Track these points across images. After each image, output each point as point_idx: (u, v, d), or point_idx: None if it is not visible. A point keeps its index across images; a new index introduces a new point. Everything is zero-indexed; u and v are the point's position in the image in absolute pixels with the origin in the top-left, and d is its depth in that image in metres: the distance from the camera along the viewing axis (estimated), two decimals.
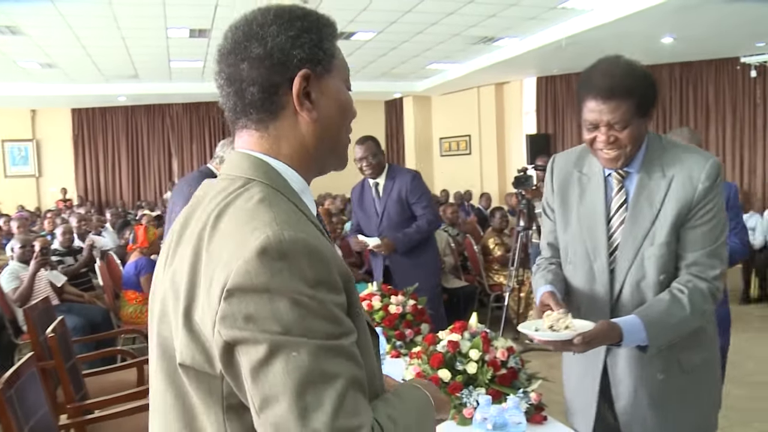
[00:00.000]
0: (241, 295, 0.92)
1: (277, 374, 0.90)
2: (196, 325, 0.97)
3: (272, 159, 1.10)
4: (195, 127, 15.85)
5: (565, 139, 13.14)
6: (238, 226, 0.98)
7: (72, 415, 3.24)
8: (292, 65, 1.07)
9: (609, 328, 1.85)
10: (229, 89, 1.10)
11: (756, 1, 7.36)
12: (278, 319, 0.91)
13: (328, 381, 0.92)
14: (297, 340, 0.91)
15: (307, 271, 0.94)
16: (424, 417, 1.16)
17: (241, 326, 0.92)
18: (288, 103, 1.09)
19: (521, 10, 8.33)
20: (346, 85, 1.16)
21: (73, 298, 6.02)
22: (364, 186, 4.57)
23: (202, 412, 1.01)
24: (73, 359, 3.55)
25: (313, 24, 1.11)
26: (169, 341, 1.04)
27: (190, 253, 1.01)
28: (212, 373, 0.98)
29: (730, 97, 11.32)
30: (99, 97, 13.81)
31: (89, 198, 15.30)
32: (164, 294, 1.05)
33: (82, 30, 8.51)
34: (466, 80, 13.04)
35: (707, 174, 1.91)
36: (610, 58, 1.93)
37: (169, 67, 11.46)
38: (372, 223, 4.45)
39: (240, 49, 1.08)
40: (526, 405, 2.13)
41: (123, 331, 5.58)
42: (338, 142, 1.16)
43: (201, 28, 8.84)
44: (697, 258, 1.93)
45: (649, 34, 8.84)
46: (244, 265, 0.92)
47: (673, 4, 7.48)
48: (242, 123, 1.12)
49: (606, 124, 1.88)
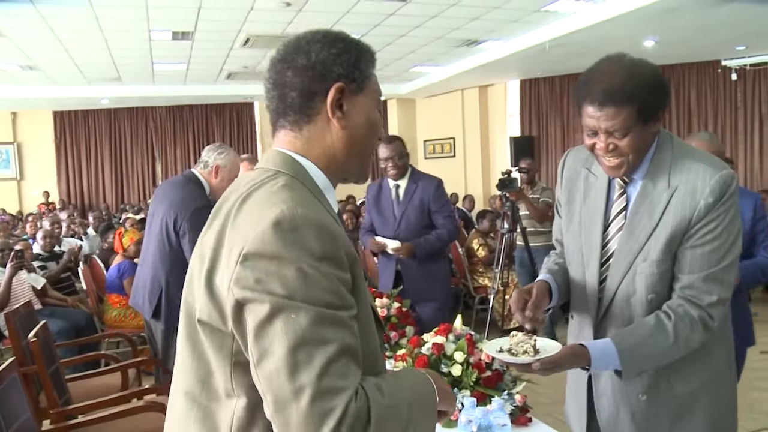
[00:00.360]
0: (254, 260, 1.05)
1: (275, 332, 1.02)
2: (216, 287, 1.11)
3: (301, 157, 1.24)
4: (179, 131, 15.77)
5: (549, 142, 13.21)
6: (260, 204, 1.12)
7: (55, 421, 3.21)
8: (330, 78, 1.22)
9: (573, 354, 1.74)
10: (274, 92, 1.26)
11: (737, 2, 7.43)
12: (284, 284, 1.03)
13: (320, 344, 1.02)
14: (298, 305, 1.03)
15: (315, 245, 1.06)
16: (420, 397, 1.20)
17: (251, 287, 1.05)
18: (322, 110, 1.23)
19: (505, 12, 8.36)
20: (378, 107, 1.31)
21: (55, 302, 5.97)
22: (382, 186, 4.40)
23: (216, 368, 1.14)
24: (56, 364, 3.52)
25: (353, 47, 1.26)
26: (190, 303, 1.19)
27: (219, 227, 1.16)
28: (225, 330, 1.11)
29: (711, 99, 11.43)
30: (81, 99, 13.71)
31: (72, 201, 15.17)
32: (192, 264, 1.21)
33: (63, 32, 8.44)
34: (450, 83, 13.07)
35: (711, 189, 1.71)
36: (612, 57, 1.77)
37: (152, 69, 11.39)
38: (388, 225, 4.29)
39: (288, 59, 1.24)
40: (510, 407, 2.14)
41: (107, 335, 5.54)
42: (362, 153, 1.30)
43: (184, 31, 8.80)
44: (693, 281, 1.75)
45: (631, 36, 8.90)
46: (260, 233, 1.06)
47: (654, 8, 7.54)
48: (281, 123, 1.27)
49: (604, 131, 1.73)
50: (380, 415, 1.04)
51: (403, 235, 4.19)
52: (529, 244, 6.22)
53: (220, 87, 13.53)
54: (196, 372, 1.17)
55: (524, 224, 6.30)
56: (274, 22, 8.52)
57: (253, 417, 1.12)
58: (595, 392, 1.94)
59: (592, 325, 1.90)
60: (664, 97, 1.76)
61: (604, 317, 1.88)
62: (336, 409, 1.00)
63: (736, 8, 7.61)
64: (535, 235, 6.40)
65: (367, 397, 1.04)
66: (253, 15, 8.08)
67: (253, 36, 9.23)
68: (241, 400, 1.12)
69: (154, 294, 3.76)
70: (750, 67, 10.90)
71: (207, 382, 1.16)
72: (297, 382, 1.00)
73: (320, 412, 1.00)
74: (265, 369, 1.03)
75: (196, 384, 1.17)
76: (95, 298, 6.09)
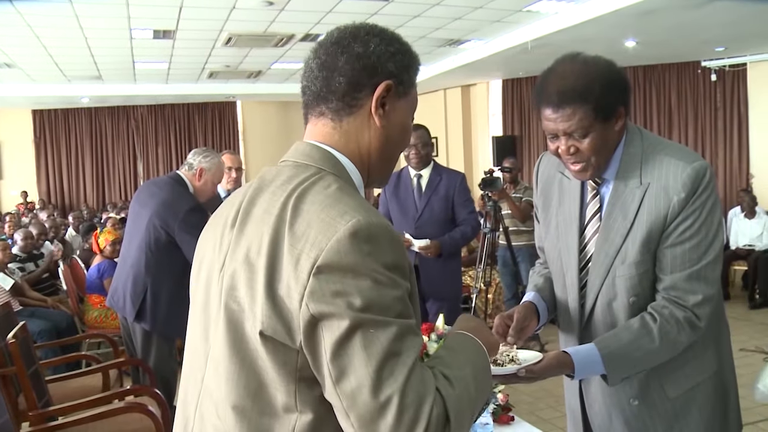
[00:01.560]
0: (330, 272, 1.01)
1: (355, 348, 1.00)
2: (281, 299, 1.05)
3: (339, 154, 1.21)
4: (160, 130, 15.66)
5: (532, 141, 13.28)
6: (323, 209, 1.07)
7: (34, 423, 3.18)
8: (382, 73, 1.20)
9: (557, 361, 1.68)
10: (320, 74, 1.21)
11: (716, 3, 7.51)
12: (362, 297, 1.01)
13: (399, 356, 1.01)
14: (376, 318, 1.01)
15: (388, 255, 1.05)
16: (480, 370, 1.19)
17: (328, 301, 1.01)
18: (365, 104, 1.20)
19: (487, 13, 8.39)
20: (411, 118, 1.30)
21: (35, 302, 5.91)
22: (401, 176, 4.23)
23: (272, 381, 1.08)
24: (36, 365, 3.49)
25: (407, 51, 1.25)
26: (237, 314, 1.11)
27: (270, 231, 1.09)
28: (291, 345, 1.05)
29: (691, 100, 11.53)
30: (61, 98, 13.57)
31: (52, 201, 15.02)
32: (234, 270, 1.12)
33: (42, 29, 8.34)
34: (433, 82, 13.09)
35: (683, 183, 1.65)
36: (566, 57, 1.72)
37: (134, 68, 11.31)
38: (407, 217, 4.11)
39: (344, 43, 1.21)
40: (493, 406, 2.15)
41: (88, 336, 5.50)
42: (392, 157, 1.29)
43: (165, 29, 8.73)
44: (676, 281, 1.69)
45: (612, 37, 8.96)
46: (336, 244, 1.02)
47: (634, 9, 7.60)
48: (320, 110, 1.23)
49: (564, 133, 1.67)
50: (456, 409, 1.05)
51: (423, 228, 4.05)
52: (512, 243, 6.24)
53: (202, 86, 13.45)
54: (246, 385, 1.10)
55: (507, 223, 6.33)
56: (256, 21, 8.48)
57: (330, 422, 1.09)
58: (586, 400, 1.90)
59: (577, 332, 1.86)
60: (622, 93, 1.70)
61: (588, 323, 1.83)
62: (422, 420, 1.00)
63: (715, 10, 7.68)
64: (517, 235, 6.43)
65: (443, 397, 1.04)
66: (235, 14, 8.05)
67: (235, 35, 9.19)
68: (305, 415, 1.08)
69: (138, 295, 3.72)
70: (729, 68, 11.01)
71: (258, 395, 1.10)
72: (382, 397, 0.99)
73: (407, 424, 0.99)
74: (347, 387, 1.01)
75: (245, 397, 1.10)
76: (76, 299, 6.04)
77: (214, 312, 1.17)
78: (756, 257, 8.15)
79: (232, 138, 16.04)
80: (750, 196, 8.83)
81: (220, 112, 15.95)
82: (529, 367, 1.65)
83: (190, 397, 1.23)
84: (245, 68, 11.92)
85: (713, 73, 11.09)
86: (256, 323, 1.07)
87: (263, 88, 13.93)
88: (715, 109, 11.30)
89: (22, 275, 6.14)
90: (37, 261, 6.60)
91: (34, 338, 4.96)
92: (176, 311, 3.58)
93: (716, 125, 11.31)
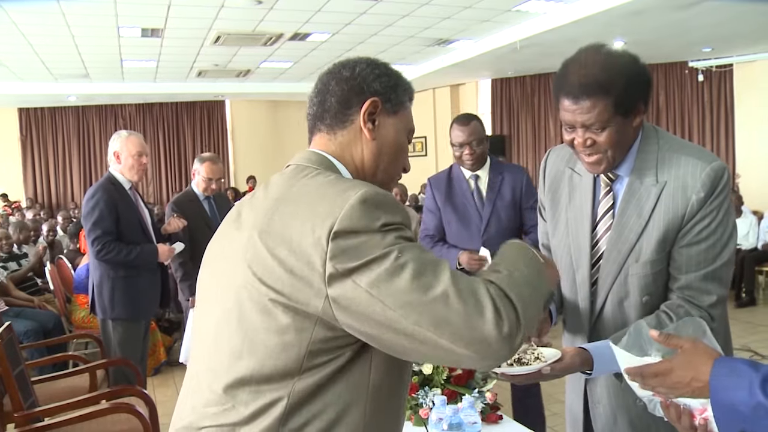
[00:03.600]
0: (346, 235, 1.10)
1: (396, 279, 1.08)
2: (298, 269, 1.12)
3: (335, 159, 1.33)
4: (149, 129, 15.56)
5: (521, 141, 13.31)
6: (330, 186, 1.19)
7: (20, 424, 3.15)
8: (368, 92, 1.33)
9: (580, 360, 1.66)
10: (316, 99, 1.37)
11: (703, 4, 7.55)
12: (380, 246, 1.10)
13: (436, 264, 1.11)
14: (399, 247, 1.10)
15: (397, 216, 1.15)
16: (530, 263, 1.24)
17: (351, 256, 1.09)
18: (356, 120, 1.33)
19: (475, 12, 8.40)
20: (407, 136, 1.41)
21: (21, 302, 5.87)
22: (452, 177, 3.57)
23: (289, 345, 1.14)
24: (22, 366, 3.45)
25: (393, 74, 1.38)
26: (243, 288, 1.17)
27: (279, 209, 1.19)
28: (310, 311, 1.12)
29: (679, 100, 11.61)
30: (48, 96, 13.45)
31: (39, 200, 14.90)
32: (243, 248, 1.19)
33: (27, 27, 8.28)
34: (422, 82, 13.09)
35: (702, 183, 1.63)
36: (590, 48, 1.68)
37: (122, 66, 11.25)
38: (470, 229, 3.39)
39: (335, 71, 1.37)
40: (481, 405, 2.15)
41: (75, 336, 5.46)
42: (387, 170, 1.38)
43: (153, 28, 8.69)
44: (691, 281, 1.67)
45: (600, 37, 8.98)
46: (349, 211, 1.11)
47: (622, 9, 7.65)
48: (318, 127, 1.37)
49: (581, 125, 1.64)
50: (512, 286, 1.13)
51: (491, 241, 3.30)
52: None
53: (191, 85, 13.40)
54: (248, 358, 1.16)
55: None
56: (244, 20, 8.46)
57: (315, 395, 1.15)
58: (590, 401, 1.88)
59: (586, 330, 1.83)
60: (644, 88, 1.66)
61: (597, 321, 1.81)
62: (483, 296, 1.08)
63: (702, 11, 7.74)
64: None
65: (491, 281, 1.13)
66: (223, 12, 8.02)
67: (224, 33, 9.16)
68: (304, 380, 1.14)
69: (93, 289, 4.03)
70: (716, 68, 11.09)
71: (267, 360, 1.15)
72: (436, 293, 1.07)
73: (473, 303, 1.07)
74: (399, 297, 1.07)
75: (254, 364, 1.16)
76: (63, 299, 6.00)
77: (223, 290, 1.23)
78: (742, 256, 8.20)
79: (220, 137, 15.98)
80: (736, 195, 8.88)
81: (209, 111, 15.88)
82: (557, 365, 1.63)
83: (194, 374, 1.29)
84: (234, 67, 11.89)
85: (700, 73, 11.17)
86: (273, 293, 1.14)
87: (252, 87, 13.90)
88: (702, 109, 11.38)
89: (6, 274, 6.09)
90: (19, 260, 6.53)
91: (21, 339, 4.92)
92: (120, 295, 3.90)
93: (703, 125, 11.39)
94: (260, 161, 15.51)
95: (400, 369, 1.26)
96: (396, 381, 1.26)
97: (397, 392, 1.28)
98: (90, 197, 3.89)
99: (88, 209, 3.87)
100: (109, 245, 3.82)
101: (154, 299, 4.17)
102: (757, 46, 10.19)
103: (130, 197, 4.00)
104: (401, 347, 1.11)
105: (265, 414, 1.14)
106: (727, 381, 1.23)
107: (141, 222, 4.02)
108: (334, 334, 1.13)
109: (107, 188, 3.91)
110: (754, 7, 7.67)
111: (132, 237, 3.93)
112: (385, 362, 1.20)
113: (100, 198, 3.85)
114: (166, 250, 4.07)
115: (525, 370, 1.63)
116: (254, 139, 16.00)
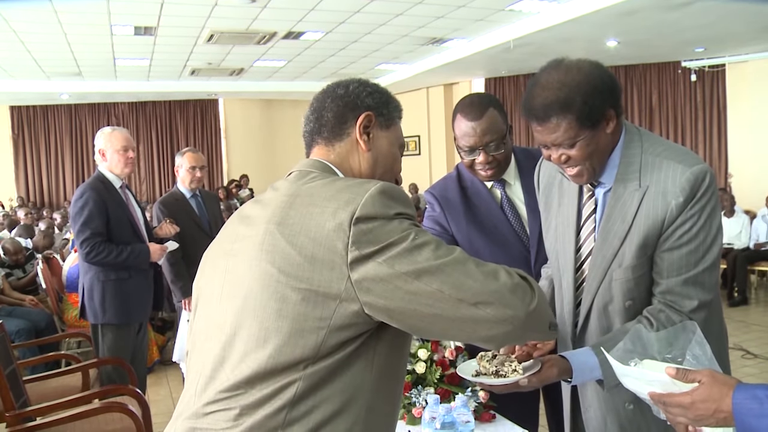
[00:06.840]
0: (366, 221, 1.17)
1: (416, 254, 1.16)
2: (319, 255, 1.17)
3: (336, 168, 1.40)
4: (142, 127, 15.54)
5: (514, 140, 13.28)
6: (342, 183, 1.26)
7: (11, 424, 3.13)
8: (361, 107, 1.42)
9: (558, 371, 1.66)
10: (313, 116, 1.45)
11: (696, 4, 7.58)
12: (398, 231, 1.18)
13: (451, 245, 1.21)
14: (415, 230, 1.19)
15: (410, 209, 1.24)
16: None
17: (371, 240, 1.16)
18: (352, 133, 1.41)
19: (469, 11, 8.41)
20: (400, 150, 1.50)
21: (14, 301, 5.85)
22: (465, 187, 2.53)
23: (308, 331, 1.17)
24: (13, 365, 3.44)
25: (384, 92, 1.48)
26: (259, 279, 1.21)
27: (278, 209, 1.25)
28: (331, 293, 1.16)
29: (672, 99, 11.65)
30: (40, 94, 13.40)
31: (31, 199, 14.84)
32: (260, 241, 1.23)
33: (19, 24, 8.24)
34: (416, 81, 13.10)
35: (681, 188, 1.62)
36: (549, 66, 1.69)
37: (114, 65, 11.21)
38: (512, 252, 2.37)
39: (329, 90, 1.45)
40: (474, 403, 2.15)
41: (67, 335, 5.43)
42: (381, 178, 1.42)
43: (147, 26, 8.67)
44: (672, 286, 1.67)
45: (593, 37, 9.03)
46: (369, 199, 1.18)
47: (615, 9, 7.66)
48: (316, 141, 1.44)
49: (552, 144, 1.66)
50: (522, 274, 1.24)
51: (540, 267, 2.28)
52: None
53: (184, 83, 13.37)
54: (266, 346, 1.18)
55: None
56: (238, 18, 8.44)
57: (325, 381, 1.18)
58: (582, 405, 1.88)
59: (571, 334, 1.84)
60: (609, 95, 1.64)
61: (583, 326, 1.82)
62: (500, 268, 1.20)
63: (695, 11, 7.77)
64: None
65: (503, 267, 1.23)
66: (217, 11, 8.00)
67: (218, 32, 9.14)
68: (319, 365, 1.17)
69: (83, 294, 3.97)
70: (708, 68, 11.13)
71: (298, 340, 1.18)
72: (455, 259, 1.17)
73: (491, 269, 1.19)
74: (424, 291, 1.14)
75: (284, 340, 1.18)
76: (55, 298, 5.98)
77: (235, 285, 1.26)
78: (734, 255, 8.26)
79: (214, 135, 15.95)
80: (728, 195, 8.92)
81: (202, 109, 15.85)
82: (530, 377, 1.63)
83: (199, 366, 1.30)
84: (227, 65, 11.86)
85: (693, 73, 11.21)
86: (293, 280, 1.18)
87: (245, 86, 13.89)
88: (695, 109, 11.43)
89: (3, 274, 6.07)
90: (24, 267, 6.52)
91: (13, 337, 4.91)
92: (111, 299, 3.86)
93: (696, 125, 11.43)
94: (253, 160, 15.49)
95: (401, 355, 1.32)
96: (395, 371, 1.30)
97: (397, 379, 1.33)
98: (78, 197, 3.83)
99: (77, 209, 3.80)
100: (98, 247, 3.75)
101: (147, 302, 4.09)
102: (750, 46, 10.24)
103: (121, 196, 3.93)
104: (423, 319, 1.17)
105: (275, 398, 1.17)
106: (749, 409, 1.28)
107: (132, 221, 3.95)
108: (352, 321, 1.17)
109: (96, 187, 3.84)
110: (746, 7, 7.71)
111: (123, 237, 3.86)
112: (389, 350, 1.25)
113: (89, 197, 3.78)
114: (158, 249, 3.99)
115: (501, 382, 1.64)
116: (248, 137, 15.98)
